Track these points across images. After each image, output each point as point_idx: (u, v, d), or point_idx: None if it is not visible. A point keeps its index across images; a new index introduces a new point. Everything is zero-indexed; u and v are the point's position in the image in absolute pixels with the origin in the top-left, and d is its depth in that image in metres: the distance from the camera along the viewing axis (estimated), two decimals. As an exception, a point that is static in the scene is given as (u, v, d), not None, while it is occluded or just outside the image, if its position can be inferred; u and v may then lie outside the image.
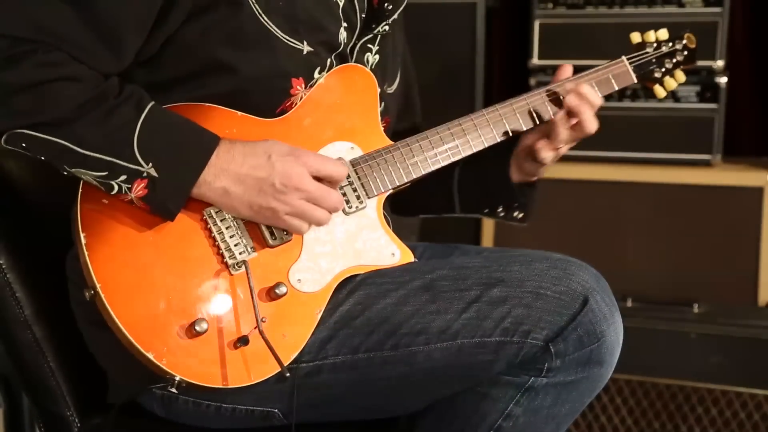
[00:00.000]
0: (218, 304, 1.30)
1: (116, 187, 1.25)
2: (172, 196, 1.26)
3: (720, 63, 2.58)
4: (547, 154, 1.48)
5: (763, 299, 2.54)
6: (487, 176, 1.53)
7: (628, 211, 2.66)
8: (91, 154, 1.23)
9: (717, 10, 2.56)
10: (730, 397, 2.36)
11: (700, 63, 2.54)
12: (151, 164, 1.24)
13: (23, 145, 1.24)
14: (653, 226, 2.64)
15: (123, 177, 1.24)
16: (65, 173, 1.27)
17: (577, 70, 1.57)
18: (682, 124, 2.63)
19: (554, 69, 1.58)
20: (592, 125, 1.48)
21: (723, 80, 2.60)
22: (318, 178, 1.32)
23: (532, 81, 2.71)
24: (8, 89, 1.20)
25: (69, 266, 1.39)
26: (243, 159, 1.28)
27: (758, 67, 2.85)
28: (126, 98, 1.26)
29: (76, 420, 1.47)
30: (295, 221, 1.32)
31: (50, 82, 1.21)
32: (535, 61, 2.72)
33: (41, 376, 1.45)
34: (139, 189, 1.25)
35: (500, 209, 1.60)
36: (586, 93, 1.48)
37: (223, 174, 1.28)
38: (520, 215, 1.60)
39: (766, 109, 2.87)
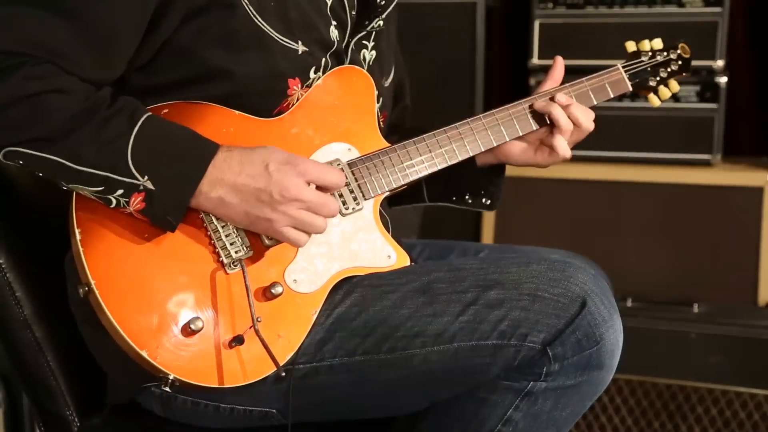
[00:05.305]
0: (213, 302, 1.29)
1: (114, 202, 1.24)
2: (171, 209, 1.25)
3: (720, 63, 2.57)
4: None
5: (763, 299, 2.53)
6: (452, 164, 1.49)
7: (629, 211, 2.66)
8: (86, 169, 1.22)
9: (717, 10, 2.56)
10: (730, 397, 2.36)
11: (701, 63, 2.56)
12: (147, 177, 1.23)
13: (20, 162, 1.23)
14: (653, 226, 2.64)
15: (120, 191, 1.24)
16: (64, 188, 1.27)
17: (577, 70, 1.58)
18: (682, 124, 2.63)
19: (554, 69, 1.58)
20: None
21: (723, 80, 2.59)
22: (315, 186, 1.31)
23: (532, 81, 2.71)
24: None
25: (68, 267, 1.38)
26: (240, 168, 1.26)
27: (758, 67, 2.84)
28: (118, 110, 1.24)
29: (76, 419, 1.48)
30: (293, 233, 1.30)
31: (38, 95, 1.19)
32: (535, 61, 2.71)
33: (41, 375, 1.46)
34: (137, 203, 1.24)
35: (468, 197, 1.61)
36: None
37: (219, 184, 1.26)
38: (488, 202, 1.61)
39: (766, 109, 2.86)
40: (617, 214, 2.67)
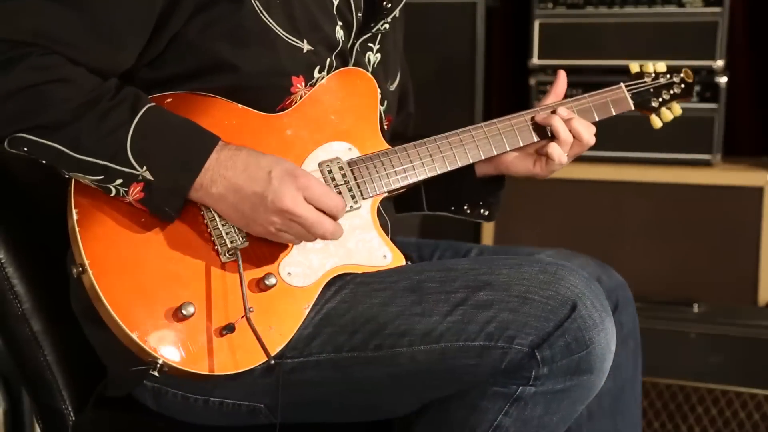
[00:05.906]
0: (207, 290, 1.29)
1: (114, 191, 1.26)
2: (169, 200, 1.26)
3: (720, 63, 2.57)
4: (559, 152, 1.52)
5: (763, 299, 2.53)
6: (451, 174, 1.50)
7: (629, 210, 2.66)
8: (85, 158, 1.23)
9: (717, 10, 2.56)
10: (730, 397, 2.36)
11: (701, 63, 2.56)
12: (145, 168, 1.24)
13: (25, 149, 1.25)
14: (653, 226, 2.64)
15: (119, 181, 1.25)
16: (66, 176, 1.28)
17: (578, 70, 1.58)
18: (682, 124, 2.61)
19: (554, 69, 1.60)
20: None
21: (723, 80, 2.59)
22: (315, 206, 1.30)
23: (532, 81, 2.71)
24: (2, 93, 1.21)
25: (69, 260, 1.38)
26: (244, 167, 1.27)
27: (758, 67, 2.84)
28: (121, 101, 1.25)
29: (71, 413, 1.49)
30: (287, 236, 1.30)
31: (43, 84, 1.21)
32: (535, 61, 2.71)
33: (38, 369, 1.47)
34: (135, 192, 1.25)
35: (466, 207, 1.62)
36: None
37: (220, 179, 1.26)
38: (486, 213, 1.62)
39: (766, 109, 2.86)
40: (617, 214, 2.67)
